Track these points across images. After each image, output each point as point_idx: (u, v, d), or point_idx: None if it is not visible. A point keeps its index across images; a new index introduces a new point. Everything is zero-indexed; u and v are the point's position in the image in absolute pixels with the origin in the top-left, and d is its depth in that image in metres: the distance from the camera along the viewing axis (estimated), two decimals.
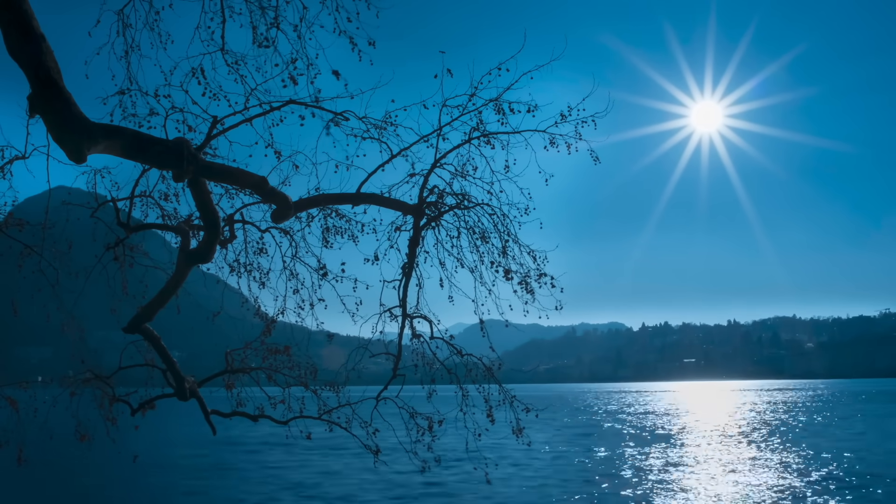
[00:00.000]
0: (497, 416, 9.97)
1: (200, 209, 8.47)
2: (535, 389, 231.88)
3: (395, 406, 10.06)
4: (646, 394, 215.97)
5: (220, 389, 10.90)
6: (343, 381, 10.55)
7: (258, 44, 8.15)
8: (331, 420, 10.47)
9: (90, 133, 6.64)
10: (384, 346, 10.10)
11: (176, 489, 36.32)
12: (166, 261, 10.36)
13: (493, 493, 32.79)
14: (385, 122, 9.26)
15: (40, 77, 6.33)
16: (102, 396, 10.43)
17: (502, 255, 9.56)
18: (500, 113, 9.30)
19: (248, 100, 8.72)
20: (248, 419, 10.76)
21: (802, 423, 78.46)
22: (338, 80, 8.21)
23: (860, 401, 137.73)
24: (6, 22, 6.21)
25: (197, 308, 11.06)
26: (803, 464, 43.29)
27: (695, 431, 69.27)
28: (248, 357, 10.99)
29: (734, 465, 43.21)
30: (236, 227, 10.30)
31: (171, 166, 7.36)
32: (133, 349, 10.56)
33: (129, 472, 39.65)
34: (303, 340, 10.89)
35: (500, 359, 9.98)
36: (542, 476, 38.70)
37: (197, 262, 9.22)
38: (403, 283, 9.80)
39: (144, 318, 9.56)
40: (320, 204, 9.51)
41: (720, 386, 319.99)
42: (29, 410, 10.25)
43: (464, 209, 9.65)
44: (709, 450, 51.98)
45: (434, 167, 9.59)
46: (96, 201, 9.94)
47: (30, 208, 9.87)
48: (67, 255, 9.91)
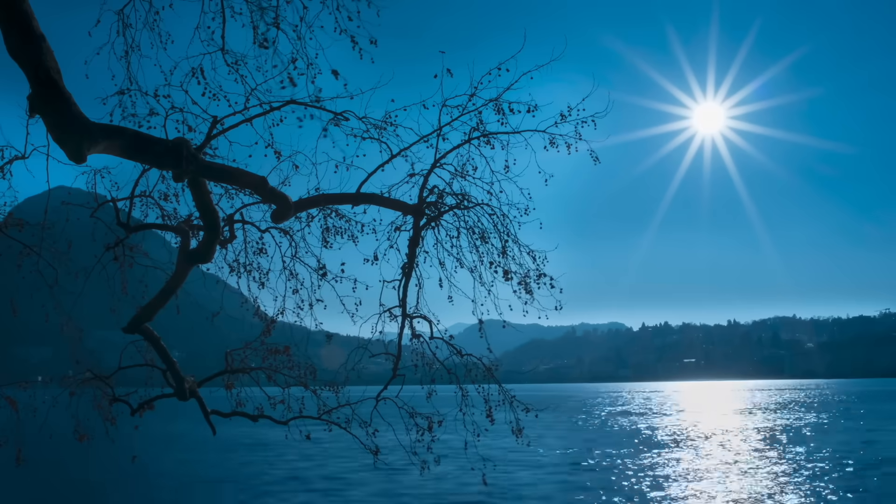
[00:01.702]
0: (497, 417, 9.97)
1: (200, 209, 8.47)
2: (536, 389, 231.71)
3: (394, 406, 10.05)
4: (649, 393, 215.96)
5: (219, 389, 10.89)
6: (343, 381, 10.55)
7: (258, 44, 8.15)
8: (330, 420, 10.46)
9: (90, 133, 6.64)
10: (384, 346, 10.10)
11: (176, 489, 36.33)
12: (166, 261, 10.36)
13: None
14: (385, 122, 9.26)
15: (40, 77, 6.33)
16: (102, 396, 10.43)
17: (502, 256, 9.56)
18: (500, 113, 9.30)
19: (248, 100, 8.72)
20: (248, 419, 10.76)
21: (812, 423, 78.46)
22: (337, 79, 8.21)
23: (865, 400, 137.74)
24: (6, 22, 6.21)
25: (197, 308, 11.06)
26: (821, 463, 43.29)
27: (716, 431, 69.29)
28: (247, 357, 10.98)
29: (745, 465, 43.21)
30: (236, 227, 10.30)
31: (170, 166, 7.36)
32: (133, 349, 10.56)
33: (128, 472, 39.65)
34: (302, 340, 10.89)
35: (498, 360, 9.97)
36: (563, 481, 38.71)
37: (197, 262, 9.22)
38: (403, 283, 9.80)
39: (144, 318, 9.56)
40: (320, 204, 9.51)
41: (721, 386, 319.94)
42: (28, 410, 10.24)
43: (463, 209, 9.65)
44: (724, 451, 51.99)
45: (434, 167, 9.58)
46: (96, 201, 9.93)
47: (29, 208, 9.86)
48: (67, 255, 9.91)
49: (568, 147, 9.28)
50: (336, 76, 8.17)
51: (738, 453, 49.39)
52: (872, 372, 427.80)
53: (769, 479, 37.03)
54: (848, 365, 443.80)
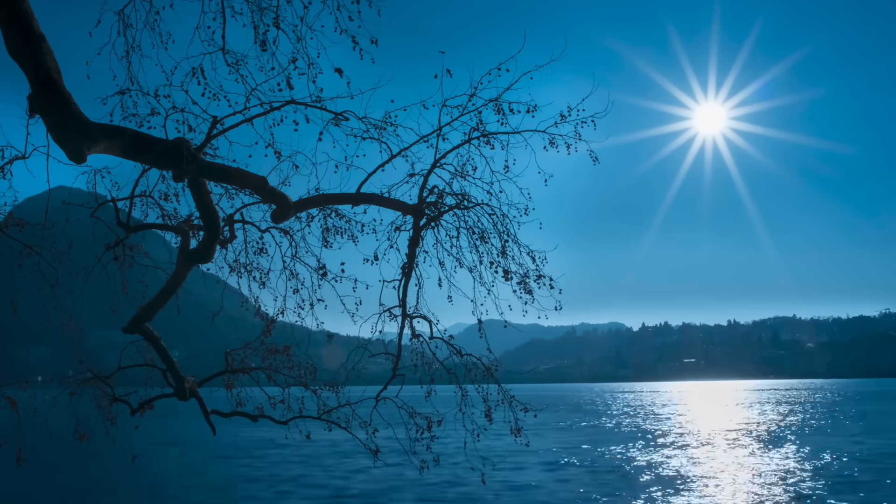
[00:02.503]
0: (496, 417, 9.97)
1: (200, 209, 8.48)
2: (536, 389, 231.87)
3: (394, 406, 10.06)
4: (652, 394, 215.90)
5: (219, 389, 10.90)
6: (343, 381, 10.56)
7: (259, 44, 8.15)
8: (330, 420, 10.47)
9: (90, 133, 6.64)
10: (384, 346, 10.10)
11: (175, 488, 36.33)
12: (166, 261, 10.36)
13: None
14: (385, 123, 9.26)
15: (40, 77, 6.34)
16: (102, 396, 10.43)
17: (501, 256, 9.56)
18: (500, 113, 9.30)
19: (249, 100, 8.73)
20: (248, 419, 10.76)
21: (814, 423, 78.45)
22: (341, 77, 8.21)
23: (868, 400, 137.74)
24: (6, 22, 6.21)
25: (197, 308, 11.06)
26: (826, 462, 43.30)
27: (720, 432, 69.29)
28: (247, 357, 10.99)
29: (750, 465, 43.21)
30: (236, 227, 10.31)
31: (170, 166, 7.37)
32: (133, 349, 10.57)
33: (127, 471, 39.66)
34: (302, 340, 10.89)
35: (497, 360, 9.97)
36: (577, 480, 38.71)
37: (197, 262, 9.22)
38: (403, 282, 9.81)
39: (144, 317, 9.57)
40: (320, 204, 9.52)
41: (722, 386, 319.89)
42: (28, 410, 10.24)
43: (463, 209, 9.65)
44: (730, 451, 52.00)
45: (434, 167, 9.59)
46: (96, 201, 9.93)
47: (30, 208, 9.87)
48: (67, 255, 9.91)
49: (567, 147, 9.29)
50: (340, 74, 8.16)
51: (748, 453, 49.40)
52: (872, 372, 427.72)
53: (789, 480, 37.03)
54: (848, 365, 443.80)
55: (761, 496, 32.27)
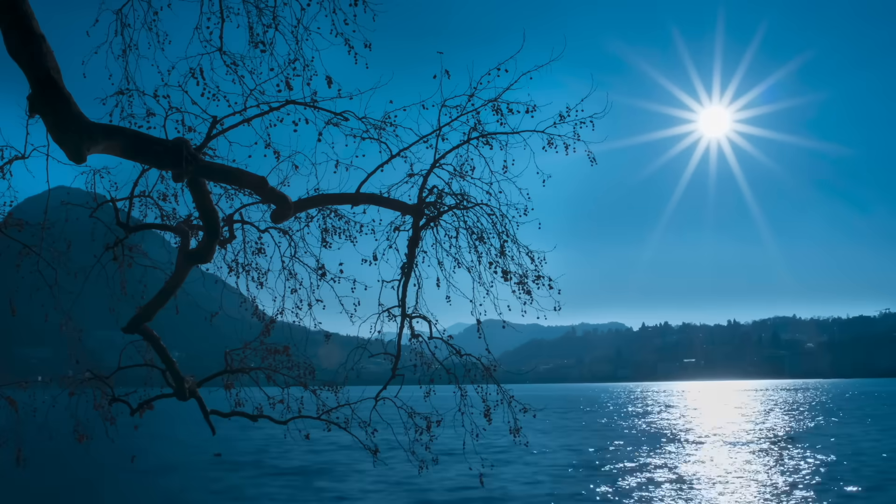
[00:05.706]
0: (495, 417, 9.97)
1: (200, 209, 8.47)
2: (536, 389, 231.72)
3: (393, 406, 10.06)
4: (653, 393, 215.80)
5: (219, 389, 10.90)
6: (342, 381, 10.56)
7: (254, 44, 8.15)
8: (330, 420, 10.48)
9: (90, 133, 6.64)
10: (383, 346, 10.10)
11: (174, 488, 36.33)
12: (165, 261, 10.36)
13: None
14: (384, 123, 9.27)
15: (40, 77, 6.34)
16: (102, 396, 10.43)
17: (501, 256, 9.56)
18: (499, 113, 9.30)
19: (247, 100, 8.73)
20: (248, 419, 10.77)
21: (816, 424, 78.40)
22: (329, 87, 8.27)
23: (868, 400, 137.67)
24: (6, 22, 6.21)
25: (196, 308, 11.07)
26: (830, 463, 43.29)
27: (724, 433, 69.28)
28: (247, 357, 10.99)
29: (753, 466, 43.21)
30: (235, 227, 10.30)
31: (170, 166, 7.36)
32: (132, 349, 10.56)
33: (127, 471, 39.65)
34: (301, 340, 10.89)
35: (496, 360, 9.97)
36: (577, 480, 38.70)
37: (196, 263, 9.22)
38: (402, 282, 9.81)
39: (144, 318, 9.57)
40: (319, 204, 9.52)
41: (722, 386, 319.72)
42: (28, 410, 10.24)
43: (463, 209, 9.65)
44: (733, 452, 52.00)
45: (433, 167, 9.59)
46: (95, 201, 9.93)
47: (29, 208, 9.87)
48: (66, 255, 9.91)
49: (566, 148, 9.29)
50: (329, 84, 8.20)
51: (756, 454, 49.38)
52: (872, 372, 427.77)
53: (794, 479, 37.02)
54: (848, 365, 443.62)
55: (763, 497, 32.27)
